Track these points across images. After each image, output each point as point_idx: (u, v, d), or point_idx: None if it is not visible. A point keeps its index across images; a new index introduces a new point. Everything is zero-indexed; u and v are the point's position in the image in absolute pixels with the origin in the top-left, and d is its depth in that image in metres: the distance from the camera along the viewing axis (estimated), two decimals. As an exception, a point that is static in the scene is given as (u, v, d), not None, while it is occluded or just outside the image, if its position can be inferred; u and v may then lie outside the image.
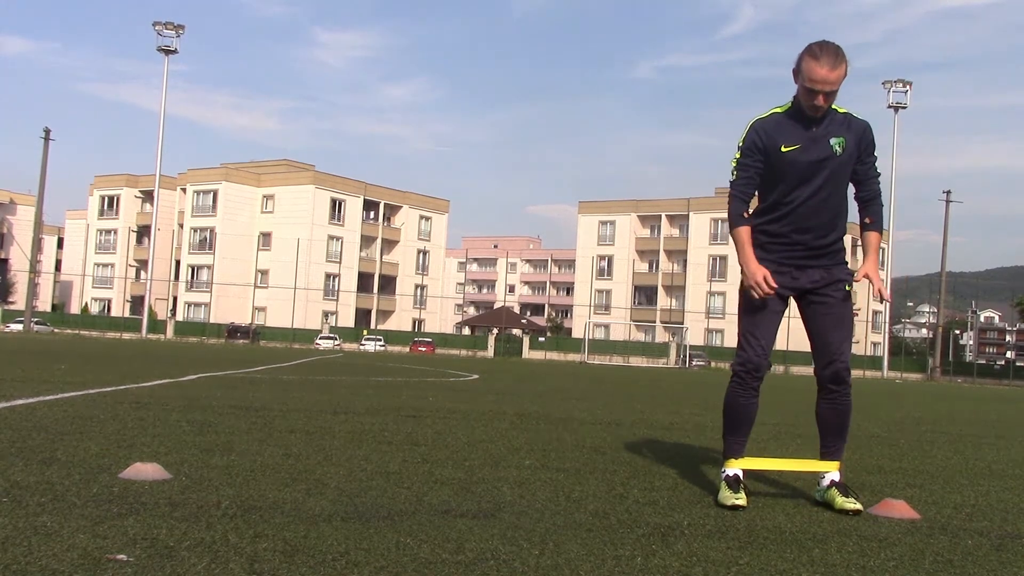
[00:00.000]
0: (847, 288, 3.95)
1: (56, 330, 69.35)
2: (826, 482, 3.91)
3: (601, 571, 2.58)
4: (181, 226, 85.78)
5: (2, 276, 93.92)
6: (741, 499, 3.70)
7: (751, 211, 3.95)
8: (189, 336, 69.15)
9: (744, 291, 3.89)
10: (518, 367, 32.56)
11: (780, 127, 3.83)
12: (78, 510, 2.97)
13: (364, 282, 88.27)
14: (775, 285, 3.77)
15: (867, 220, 3.97)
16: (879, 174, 3.97)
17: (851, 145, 3.83)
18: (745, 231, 3.88)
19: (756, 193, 3.92)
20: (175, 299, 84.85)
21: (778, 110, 3.88)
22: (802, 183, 3.81)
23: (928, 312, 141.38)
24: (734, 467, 3.87)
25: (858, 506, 3.73)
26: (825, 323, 3.92)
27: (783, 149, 3.80)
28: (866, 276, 3.92)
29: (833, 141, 3.80)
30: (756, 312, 3.87)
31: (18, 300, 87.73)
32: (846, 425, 4.03)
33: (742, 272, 3.88)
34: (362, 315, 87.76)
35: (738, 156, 3.86)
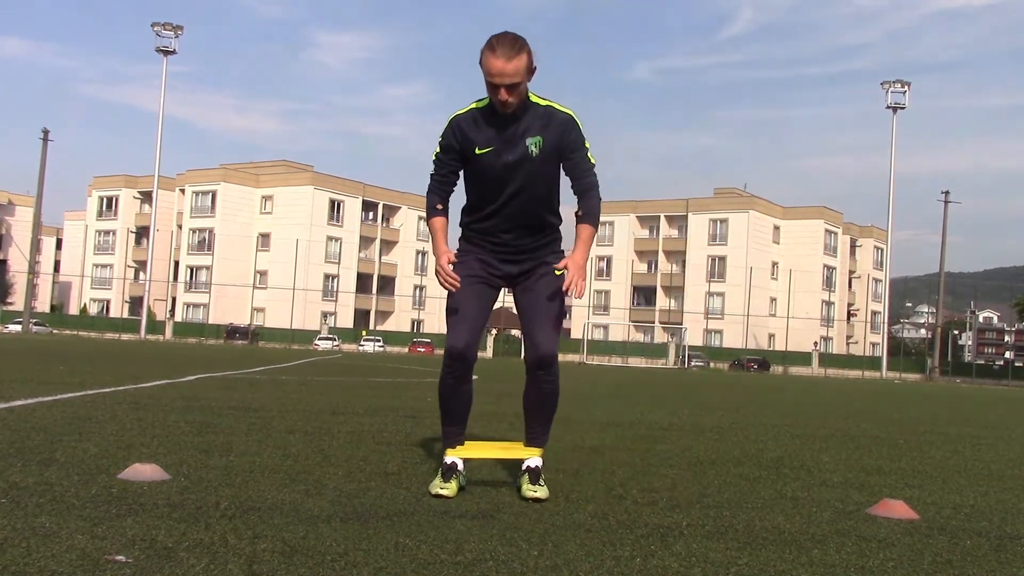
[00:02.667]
0: (556, 272, 3.82)
1: (55, 331, 69.36)
2: (522, 466, 3.81)
3: (600, 571, 2.58)
4: (180, 227, 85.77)
5: (1, 277, 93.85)
6: (447, 489, 3.61)
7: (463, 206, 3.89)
8: (188, 337, 69.14)
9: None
10: (517, 367, 32.49)
11: (476, 126, 3.67)
12: (77, 511, 2.97)
13: (363, 283, 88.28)
14: (456, 277, 3.67)
15: (579, 212, 3.83)
16: (592, 165, 3.76)
17: (550, 143, 3.66)
18: (438, 221, 3.81)
19: (463, 187, 3.85)
20: (174, 300, 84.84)
21: (476, 105, 3.72)
22: (499, 185, 3.70)
23: (927, 312, 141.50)
24: (450, 456, 3.78)
25: (537, 494, 3.63)
26: (530, 308, 3.81)
27: (477, 151, 3.67)
28: (566, 267, 3.72)
29: (529, 141, 3.64)
30: (460, 299, 3.77)
31: (17, 301, 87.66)
32: (551, 411, 3.90)
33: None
34: (361, 316, 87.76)
35: (438, 151, 3.78)
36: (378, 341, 71.48)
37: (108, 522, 2.82)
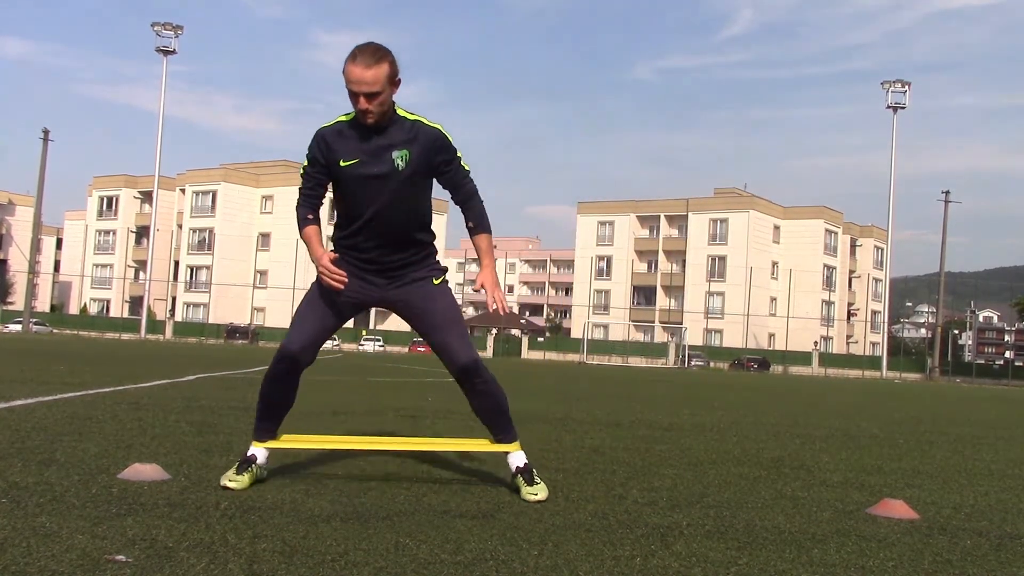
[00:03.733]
0: (435, 281, 3.80)
1: (55, 331, 69.33)
2: (512, 468, 3.82)
3: (600, 571, 2.58)
4: (180, 227, 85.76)
5: (1, 277, 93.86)
6: (236, 482, 3.55)
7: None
8: (188, 337, 69.13)
9: (315, 281, 3.79)
10: (517, 367, 32.56)
11: (342, 138, 3.62)
12: (77, 511, 2.97)
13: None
14: (342, 273, 3.60)
15: (470, 224, 3.80)
16: (467, 172, 3.74)
17: (416, 157, 3.60)
18: (311, 229, 3.74)
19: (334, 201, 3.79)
20: (174, 300, 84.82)
21: (343, 118, 3.65)
22: (365, 199, 3.64)
23: (927, 312, 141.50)
24: (255, 448, 3.73)
25: (538, 496, 3.64)
26: (430, 324, 3.78)
27: (342, 164, 3.61)
28: (482, 286, 3.72)
29: (395, 155, 3.59)
30: (313, 305, 3.76)
31: (17, 301, 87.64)
32: (501, 407, 3.85)
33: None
34: (361, 316, 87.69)
35: (305, 164, 3.73)
36: (378, 341, 71.49)
37: (108, 522, 2.83)
